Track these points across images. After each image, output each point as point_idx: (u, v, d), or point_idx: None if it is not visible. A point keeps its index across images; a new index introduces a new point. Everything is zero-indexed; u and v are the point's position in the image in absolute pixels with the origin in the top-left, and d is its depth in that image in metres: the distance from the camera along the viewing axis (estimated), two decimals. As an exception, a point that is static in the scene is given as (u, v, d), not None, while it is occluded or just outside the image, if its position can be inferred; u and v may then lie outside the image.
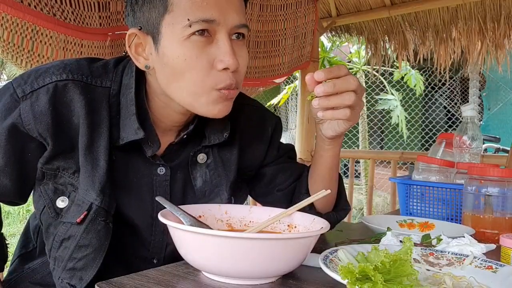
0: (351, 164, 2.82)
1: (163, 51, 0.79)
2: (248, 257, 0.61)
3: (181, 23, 0.77)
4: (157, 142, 0.87)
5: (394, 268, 0.57)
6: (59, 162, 0.83)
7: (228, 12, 0.79)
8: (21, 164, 0.83)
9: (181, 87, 0.80)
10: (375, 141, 7.08)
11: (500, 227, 1.02)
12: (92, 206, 0.81)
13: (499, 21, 2.37)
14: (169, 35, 0.78)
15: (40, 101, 0.79)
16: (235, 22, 0.80)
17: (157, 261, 0.92)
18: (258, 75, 2.33)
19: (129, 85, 0.85)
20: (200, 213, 0.80)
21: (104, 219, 0.82)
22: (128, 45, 0.82)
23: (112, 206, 0.83)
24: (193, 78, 0.79)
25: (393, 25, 2.70)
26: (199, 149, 0.91)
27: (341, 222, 1.06)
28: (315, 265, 0.71)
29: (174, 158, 0.91)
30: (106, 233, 0.82)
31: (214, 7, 0.77)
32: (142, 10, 0.80)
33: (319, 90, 0.77)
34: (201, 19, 0.76)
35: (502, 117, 6.11)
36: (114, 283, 0.64)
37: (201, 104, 0.81)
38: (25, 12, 1.38)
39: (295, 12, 2.43)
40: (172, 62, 0.78)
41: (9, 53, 1.42)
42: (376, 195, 5.35)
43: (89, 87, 0.82)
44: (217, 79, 0.79)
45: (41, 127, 0.79)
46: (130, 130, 0.83)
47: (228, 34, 0.79)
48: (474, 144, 1.32)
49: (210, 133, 0.91)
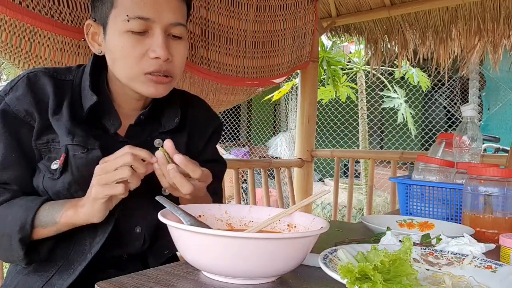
0: (351, 164, 2.82)
1: (108, 39, 0.95)
2: (248, 256, 0.61)
3: (122, 18, 0.92)
4: (117, 119, 0.99)
5: (394, 268, 0.57)
6: (47, 135, 0.94)
7: (164, 11, 0.93)
8: (22, 149, 0.93)
9: (120, 70, 0.96)
10: (375, 141, 7.08)
11: (500, 227, 1.02)
12: (68, 147, 0.92)
13: (498, 21, 2.38)
14: (113, 27, 0.94)
15: (19, 88, 0.94)
16: (170, 20, 0.94)
17: (139, 230, 1.00)
18: (257, 75, 2.33)
19: (87, 71, 0.99)
20: (200, 212, 0.80)
21: (83, 151, 0.91)
22: (86, 33, 1.00)
23: (91, 144, 0.93)
24: (127, 64, 0.94)
25: (393, 25, 2.71)
26: (156, 134, 1.03)
27: (341, 222, 1.06)
28: (314, 264, 0.71)
29: (135, 139, 1.01)
30: (98, 157, 0.90)
31: (151, 6, 0.92)
32: (97, 5, 0.97)
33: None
34: (138, 16, 0.91)
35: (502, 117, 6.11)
36: (114, 283, 0.64)
37: (135, 85, 0.96)
38: (23, 13, 1.39)
39: (294, 12, 2.43)
40: (113, 49, 0.95)
41: (7, 53, 1.42)
42: (376, 195, 5.35)
43: (55, 79, 0.97)
44: (146, 65, 0.93)
45: (26, 104, 0.92)
46: (87, 99, 0.96)
47: (163, 30, 0.93)
48: (474, 144, 1.32)
49: (165, 121, 1.04)
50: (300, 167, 2.82)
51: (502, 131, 5.84)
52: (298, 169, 2.83)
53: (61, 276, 0.92)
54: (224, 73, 2.16)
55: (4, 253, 0.91)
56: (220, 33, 2.10)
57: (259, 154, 7.81)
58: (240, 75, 2.24)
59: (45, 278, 0.94)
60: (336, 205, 2.84)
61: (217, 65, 2.12)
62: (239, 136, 9.19)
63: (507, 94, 5.99)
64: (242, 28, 2.19)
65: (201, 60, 2.04)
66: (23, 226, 0.87)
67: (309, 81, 2.79)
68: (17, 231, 0.87)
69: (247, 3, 2.18)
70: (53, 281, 0.93)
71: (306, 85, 2.79)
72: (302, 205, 0.79)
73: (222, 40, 2.12)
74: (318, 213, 5.44)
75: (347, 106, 6.20)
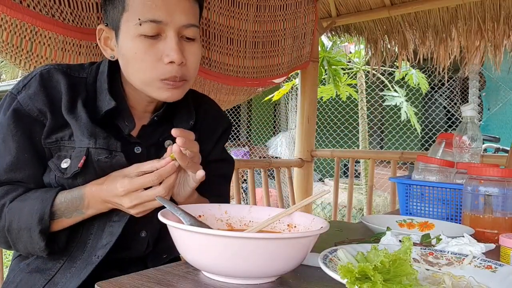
0: (351, 164, 2.82)
1: (120, 44, 0.93)
2: (248, 256, 0.61)
3: (134, 21, 0.90)
4: (132, 121, 0.99)
5: (394, 268, 0.57)
6: (57, 134, 0.93)
7: (176, 13, 0.91)
8: (35, 148, 0.93)
9: (134, 74, 0.94)
10: (375, 141, 7.07)
11: (500, 227, 1.02)
12: (90, 150, 0.91)
13: (498, 21, 2.37)
14: (125, 31, 0.92)
15: (32, 87, 0.92)
16: (182, 22, 0.91)
17: (145, 234, 1.00)
18: (257, 75, 2.33)
19: (103, 71, 0.98)
20: (200, 212, 0.80)
21: (107, 156, 0.91)
22: (98, 38, 0.98)
23: (114, 145, 0.92)
24: (142, 69, 0.92)
25: (393, 25, 2.70)
26: (167, 135, 1.01)
27: (341, 222, 1.06)
28: (314, 264, 0.71)
29: (148, 139, 1.01)
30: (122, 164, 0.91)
31: (162, 8, 0.90)
32: (108, 9, 0.95)
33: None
34: (150, 19, 0.89)
35: (502, 117, 6.11)
36: (114, 283, 0.64)
37: (150, 90, 0.94)
38: (24, 13, 1.39)
39: (294, 12, 2.43)
40: (126, 54, 0.93)
41: (8, 53, 1.42)
42: (376, 195, 5.35)
43: (68, 75, 0.96)
44: (162, 71, 0.91)
45: (39, 103, 0.91)
46: (104, 103, 0.95)
47: (176, 33, 0.91)
48: (474, 144, 1.32)
49: (178, 122, 1.03)
50: (300, 167, 2.82)
51: (502, 131, 5.84)
52: (298, 169, 2.83)
53: (64, 275, 0.92)
54: (224, 73, 2.16)
55: (24, 246, 0.91)
56: (220, 33, 2.10)
57: (259, 154, 7.81)
58: (241, 75, 2.25)
59: (48, 276, 0.94)
60: (336, 205, 2.84)
61: (217, 65, 2.12)
62: (239, 136, 9.19)
63: (507, 94, 5.99)
64: (242, 28, 2.19)
65: (202, 60, 2.04)
66: (42, 217, 0.88)
67: (309, 81, 2.79)
68: (36, 223, 0.88)
69: (247, 3, 2.19)
70: (56, 279, 0.93)
71: (306, 85, 2.79)
72: (302, 205, 0.79)
73: (223, 40, 2.12)
74: (318, 213, 5.44)
75: (347, 106, 6.21)
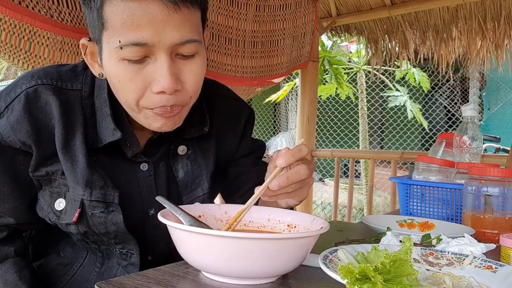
0: (351, 164, 2.81)
1: (104, 65, 0.79)
2: (248, 257, 0.60)
3: (114, 43, 0.73)
4: (136, 143, 0.87)
5: (394, 268, 0.57)
6: (47, 167, 0.83)
7: (165, 31, 0.72)
8: (18, 179, 0.84)
9: (121, 101, 0.81)
10: (375, 141, 7.08)
11: (500, 227, 1.02)
12: (84, 202, 0.81)
13: (499, 20, 2.37)
14: (107, 52, 0.76)
15: (15, 112, 0.79)
16: (174, 40, 0.73)
17: (151, 257, 0.93)
18: (256, 75, 2.33)
19: (102, 86, 0.84)
20: (199, 213, 0.80)
21: (103, 211, 0.82)
22: (84, 53, 0.83)
23: (111, 196, 0.83)
24: (127, 98, 0.78)
25: (393, 25, 2.71)
26: (179, 141, 0.92)
27: (341, 222, 1.05)
28: (315, 265, 0.71)
29: (154, 153, 0.91)
30: (117, 221, 0.83)
31: (146, 28, 0.71)
32: (89, 23, 0.79)
33: (273, 185, 0.72)
34: (131, 42, 0.71)
35: (502, 117, 6.11)
36: (114, 283, 0.64)
37: (140, 119, 0.81)
38: (23, 13, 1.39)
39: (294, 12, 2.43)
40: (110, 78, 0.78)
41: (6, 53, 1.42)
42: (376, 195, 5.35)
43: (60, 90, 0.82)
44: (151, 101, 0.76)
45: (22, 135, 0.79)
46: (107, 132, 0.83)
47: (167, 54, 0.74)
48: (474, 144, 1.32)
49: (190, 126, 0.90)
50: (300, 167, 2.81)
51: (502, 131, 5.84)
52: (298, 169, 2.82)
53: None
54: (223, 73, 2.16)
55: None
56: (219, 32, 2.10)
57: (259, 154, 7.79)
58: (239, 75, 2.24)
59: None
60: (336, 205, 2.83)
61: (216, 64, 2.12)
62: (239, 136, 9.16)
63: (508, 94, 5.99)
64: (241, 28, 2.19)
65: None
66: None
67: (309, 81, 2.79)
68: None
69: (247, 3, 2.18)
70: None
71: (306, 85, 2.79)
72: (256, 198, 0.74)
73: (221, 39, 2.12)
74: (318, 213, 5.44)
75: (347, 106, 6.21)
